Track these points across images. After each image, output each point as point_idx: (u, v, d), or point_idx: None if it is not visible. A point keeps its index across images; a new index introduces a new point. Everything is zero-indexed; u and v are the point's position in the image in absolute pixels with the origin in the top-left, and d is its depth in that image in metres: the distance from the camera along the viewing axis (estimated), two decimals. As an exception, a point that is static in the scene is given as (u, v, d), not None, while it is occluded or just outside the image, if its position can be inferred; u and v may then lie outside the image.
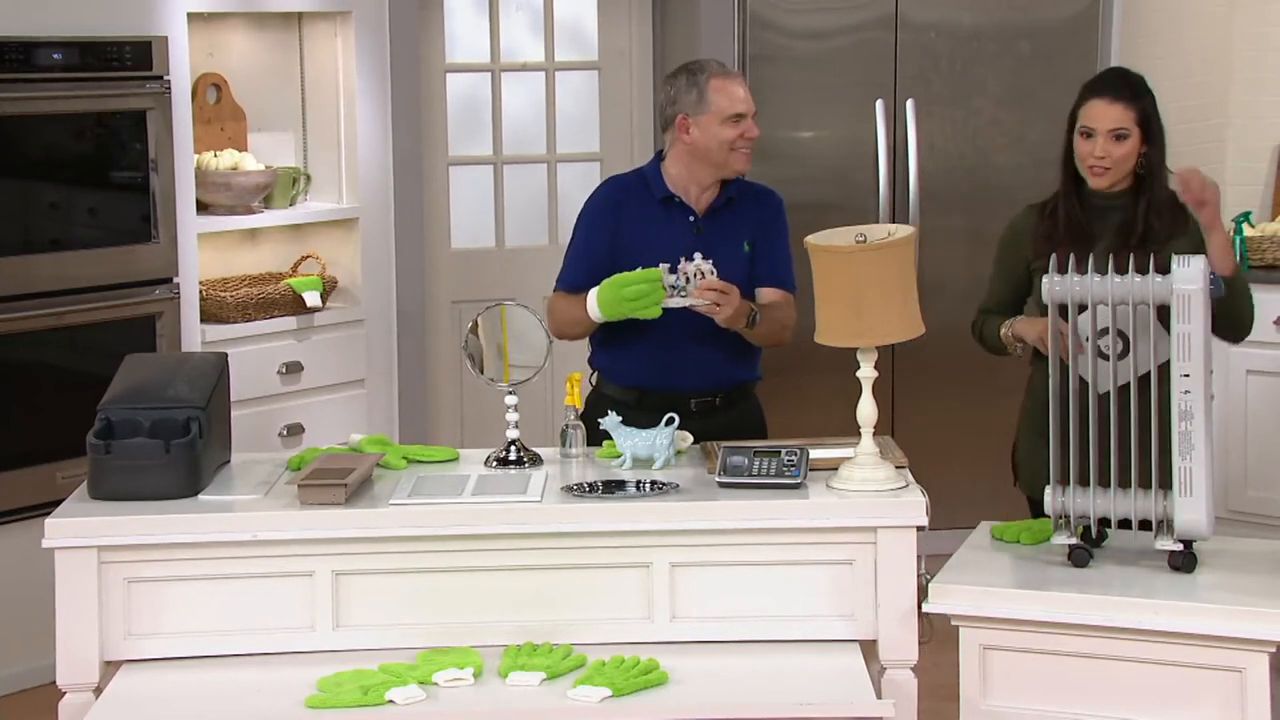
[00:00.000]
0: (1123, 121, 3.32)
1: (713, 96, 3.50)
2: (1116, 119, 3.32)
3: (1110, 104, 3.33)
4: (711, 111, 3.50)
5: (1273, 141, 5.72)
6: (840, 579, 3.02)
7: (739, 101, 3.51)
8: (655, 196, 3.58)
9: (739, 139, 3.51)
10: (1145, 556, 3.02)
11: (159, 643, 3.01)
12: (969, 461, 5.20)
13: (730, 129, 3.50)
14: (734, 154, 3.53)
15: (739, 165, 3.56)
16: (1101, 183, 3.36)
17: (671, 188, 3.58)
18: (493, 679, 2.90)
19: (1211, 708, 2.82)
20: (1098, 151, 3.33)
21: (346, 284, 4.87)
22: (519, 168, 5.39)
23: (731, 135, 3.50)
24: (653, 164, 3.65)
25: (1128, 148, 3.33)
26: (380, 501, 3.08)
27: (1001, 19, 5.21)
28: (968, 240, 5.31)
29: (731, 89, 3.51)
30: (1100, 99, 3.35)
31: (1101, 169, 3.34)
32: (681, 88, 3.54)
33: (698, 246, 3.49)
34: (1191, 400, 2.89)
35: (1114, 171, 3.34)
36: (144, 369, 3.28)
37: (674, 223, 3.57)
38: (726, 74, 3.55)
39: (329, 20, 4.81)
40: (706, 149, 3.53)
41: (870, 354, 3.09)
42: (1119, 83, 3.39)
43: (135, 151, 4.33)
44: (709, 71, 3.53)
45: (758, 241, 3.60)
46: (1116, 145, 3.32)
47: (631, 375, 3.55)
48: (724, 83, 3.52)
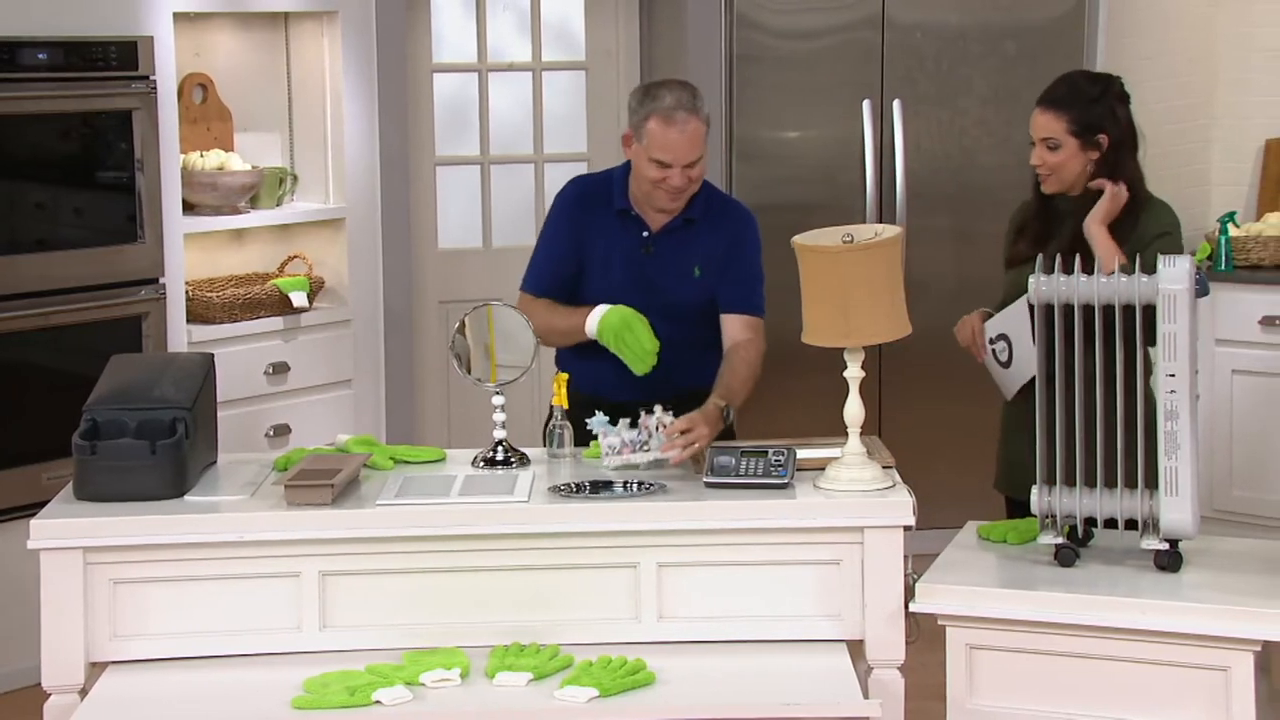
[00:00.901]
0: (1051, 131, 3.39)
1: (648, 131, 3.41)
2: (1044, 128, 3.41)
3: (1041, 113, 3.43)
4: (643, 144, 3.43)
5: (1257, 141, 5.73)
6: (827, 579, 3.03)
7: (666, 150, 3.38)
8: (615, 206, 3.54)
9: (662, 182, 3.42)
10: (1131, 556, 3.03)
11: (145, 644, 3.00)
12: (956, 461, 5.20)
13: (654, 170, 3.41)
14: (656, 191, 3.45)
15: (661, 203, 3.47)
16: (1048, 188, 3.44)
17: (631, 200, 3.53)
18: (480, 679, 2.90)
19: (1197, 706, 2.83)
20: (1034, 160, 3.43)
21: (333, 284, 4.86)
22: (506, 168, 5.38)
23: (654, 176, 3.42)
24: (622, 170, 3.58)
25: (1061, 156, 3.39)
26: (367, 502, 3.07)
27: (987, 19, 5.22)
28: (954, 240, 5.32)
29: (666, 136, 3.37)
30: (1037, 108, 3.45)
31: (1043, 175, 3.43)
32: (634, 106, 3.48)
33: (646, 269, 3.48)
34: (1177, 400, 2.90)
35: (1055, 178, 3.42)
36: (130, 369, 3.27)
37: (627, 238, 3.53)
38: (670, 119, 3.38)
39: (315, 20, 4.80)
40: (637, 175, 3.49)
41: (857, 354, 3.09)
42: (1055, 92, 3.45)
43: (121, 151, 4.32)
44: (657, 106, 3.40)
45: (717, 264, 3.52)
46: (1049, 154, 3.40)
47: (589, 384, 3.48)
48: (662, 126, 3.37)
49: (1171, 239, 3.38)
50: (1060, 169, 3.39)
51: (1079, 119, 3.38)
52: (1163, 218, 3.41)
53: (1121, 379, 2.95)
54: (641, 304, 3.48)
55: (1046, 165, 3.40)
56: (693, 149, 3.41)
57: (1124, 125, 3.41)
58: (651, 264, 3.52)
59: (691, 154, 3.41)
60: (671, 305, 3.51)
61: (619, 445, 3.18)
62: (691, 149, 3.41)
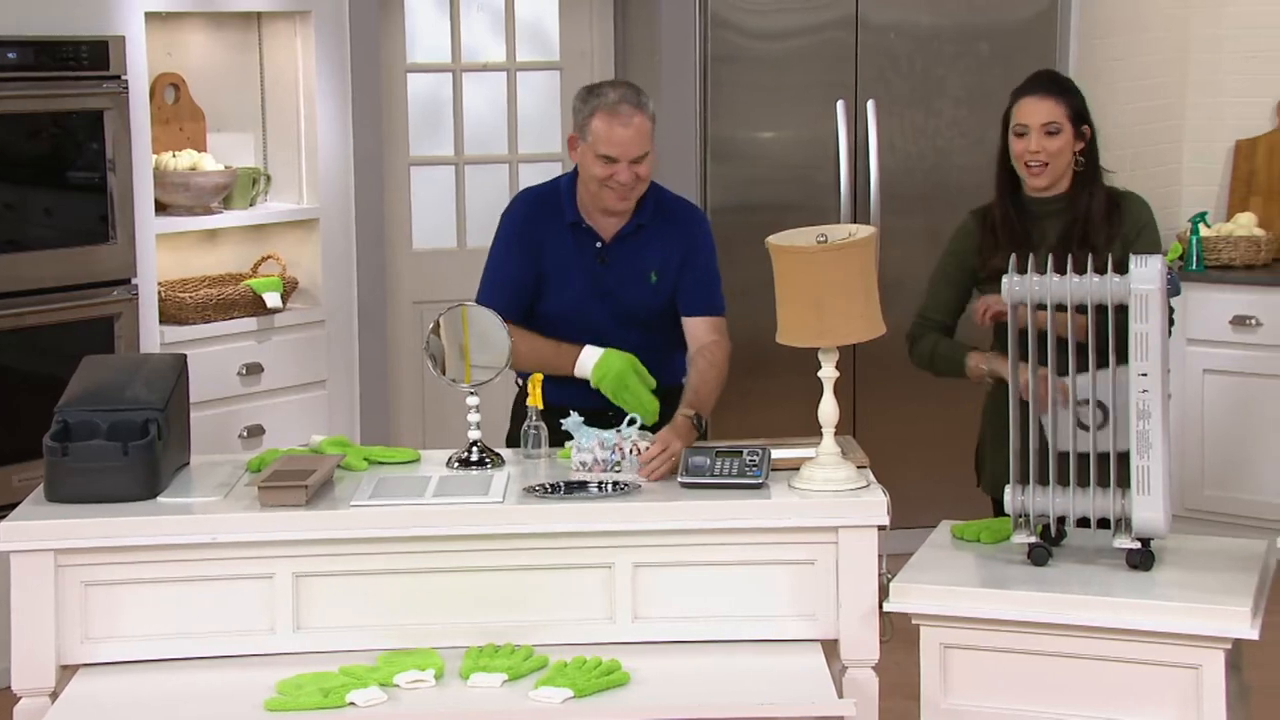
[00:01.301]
0: (1054, 115, 3.36)
1: (592, 127, 3.39)
2: (1048, 113, 3.36)
3: (1040, 99, 3.38)
4: (589, 142, 3.41)
5: (1228, 142, 5.77)
6: (802, 579, 3.03)
7: (612, 144, 3.36)
8: (565, 219, 3.52)
9: (609, 179, 3.40)
10: (1104, 555, 3.04)
11: (116, 646, 2.99)
12: (930, 461, 5.22)
13: (600, 167, 3.38)
14: (604, 190, 3.42)
15: (608, 202, 3.45)
16: (1040, 181, 3.38)
17: (580, 211, 3.51)
18: (454, 680, 2.89)
19: (1169, 704, 2.84)
20: (1032, 147, 3.36)
21: (307, 285, 4.84)
22: (480, 168, 5.37)
23: (601, 173, 3.40)
24: (570, 179, 3.56)
25: (1060, 142, 3.36)
26: (341, 503, 3.07)
27: (961, 20, 5.24)
28: (928, 240, 5.32)
29: (611, 130, 3.35)
30: (1030, 96, 3.40)
31: (1039, 165, 3.36)
32: (579, 105, 3.46)
33: (603, 278, 3.48)
34: (1149, 399, 2.91)
35: (1050, 168, 3.37)
36: (102, 370, 3.26)
37: (581, 251, 3.52)
38: (614, 112, 3.36)
39: (289, 20, 4.79)
40: (584, 176, 3.46)
41: (831, 354, 3.10)
42: (1046, 80, 3.45)
43: (92, 152, 4.30)
44: (600, 102, 3.39)
45: (674, 269, 3.51)
46: (1049, 140, 3.35)
47: (558, 395, 3.42)
48: (607, 121, 3.36)
49: (1151, 229, 3.40)
50: (1058, 157, 3.36)
51: (1074, 105, 3.38)
52: (1142, 212, 3.42)
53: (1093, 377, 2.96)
54: (601, 313, 3.49)
55: (1046, 152, 3.34)
56: (639, 143, 3.39)
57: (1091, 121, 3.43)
58: (608, 274, 3.51)
59: (637, 148, 3.39)
60: (630, 313, 3.52)
61: (591, 463, 3.18)
62: (637, 143, 3.39)
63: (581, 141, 3.44)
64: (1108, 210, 3.38)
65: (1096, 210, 3.38)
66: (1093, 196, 3.39)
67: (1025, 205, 3.44)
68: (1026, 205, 3.43)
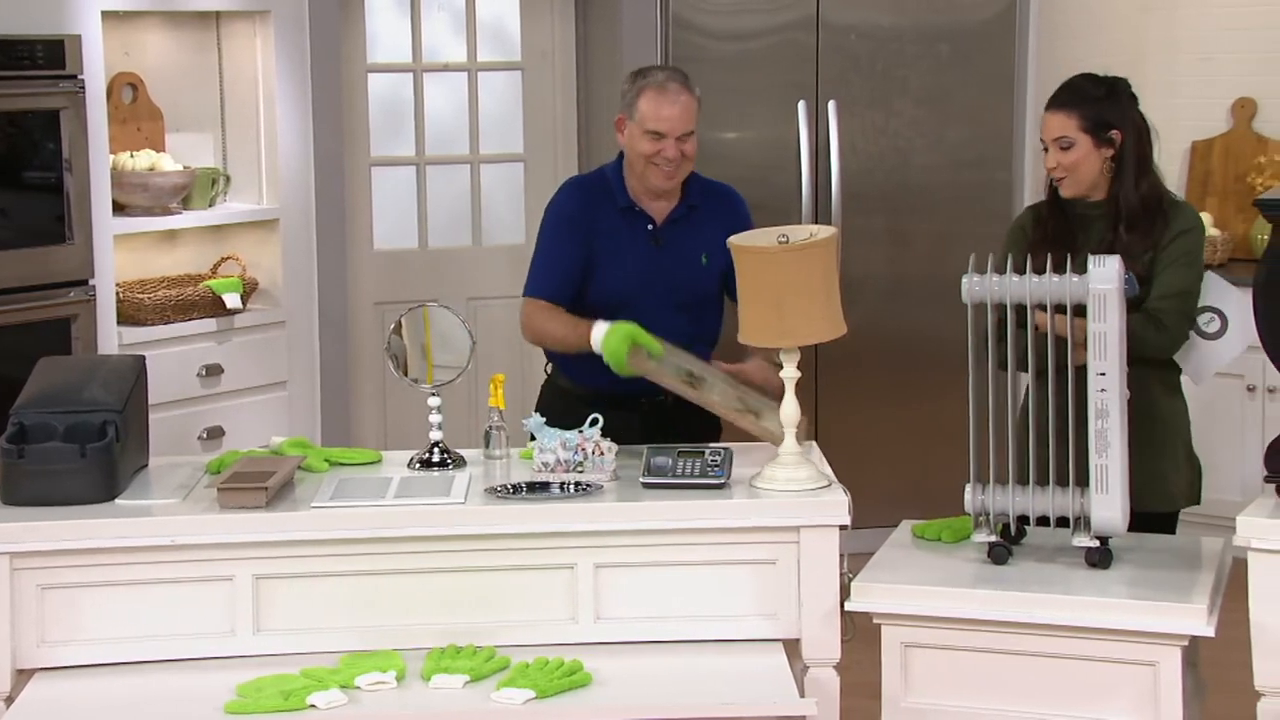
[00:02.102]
0: (1064, 130, 3.36)
1: (640, 105, 3.47)
2: (1058, 128, 3.36)
3: (1052, 114, 3.39)
4: (636, 120, 3.48)
5: (1184, 144, 5.82)
6: (763, 578, 3.04)
7: (660, 120, 3.44)
8: (617, 204, 3.55)
9: (656, 155, 3.46)
10: (1063, 553, 3.06)
11: (74, 650, 2.96)
12: (891, 460, 5.24)
13: (648, 143, 3.46)
14: (650, 168, 3.48)
15: (655, 180, 3.50)
16: (1068, 191, 3.38)
17: (631, 195, 3.55)
18: (416, 682, 2.88)
19: (1127, 700, 2.86)
20: (1049, 163, 3.38)
21: (267, 285, 4.82)
22: (442, 168, 5.36)
23: (648, 150, 3.46)
24: (615, 166, 3.60)
25: (1076, 155, 3.36)
26: (302, 505, 3.05)
27: (921, 21, 5.26)
28: (889, 240, 5.35)
29: (658, 105, 3.44)
30: (1047, 111, 3.41)
31: (1059, 177, 3.38)
32: (625, 88, 3.53)
33: (658, 260, 3.49)
34: (1107, 399, 2.93)
35: (1072, 180, 3.37)
36: (58, 372, 3.23)
37: (634, 234, 3.54)
38: (663, 89, 3.46)
39: (248, 20, 4.76)
40: (631, 157, 3.52)
41: (793, 354, 3.11)
42: (1064, 92, 3.43)
43: (49, 151, 4.26)
44: (648, 81, 3.49)
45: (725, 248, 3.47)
46: (1064, 154, 3.36)
47: (588, 376, 3.49)
48: (655, 96, 3.45)
49: (1191, 236, 3.36)
50: (1076, 169, 3.35)
51: (1089, 115, 3.37)
52: (1184, 220, 3.39)
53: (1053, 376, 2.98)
54: (652, 297, 3.50)
55: (1062, 166, 3.35)
56: (685, 120, 3.47)
57: (1136, 123, 3.40)
58: (662, 256, 3.53)
59: (684, 125, 3.47)
60: (681, 295, 3.54)
61: (553, 463, 3.18)
62: (684, 120, 3.47)
63: (630, 121, 3.49)
64: (1147, 217, 3.35)
65: (1132, 215, 3.34)
66: (1129, 200, 3.35)
67: (1072, 208, 3.42)
68: (1073, 208, 3.42)
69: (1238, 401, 5.24)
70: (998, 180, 5.33)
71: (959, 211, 5.31)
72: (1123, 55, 5.74)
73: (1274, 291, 2.95)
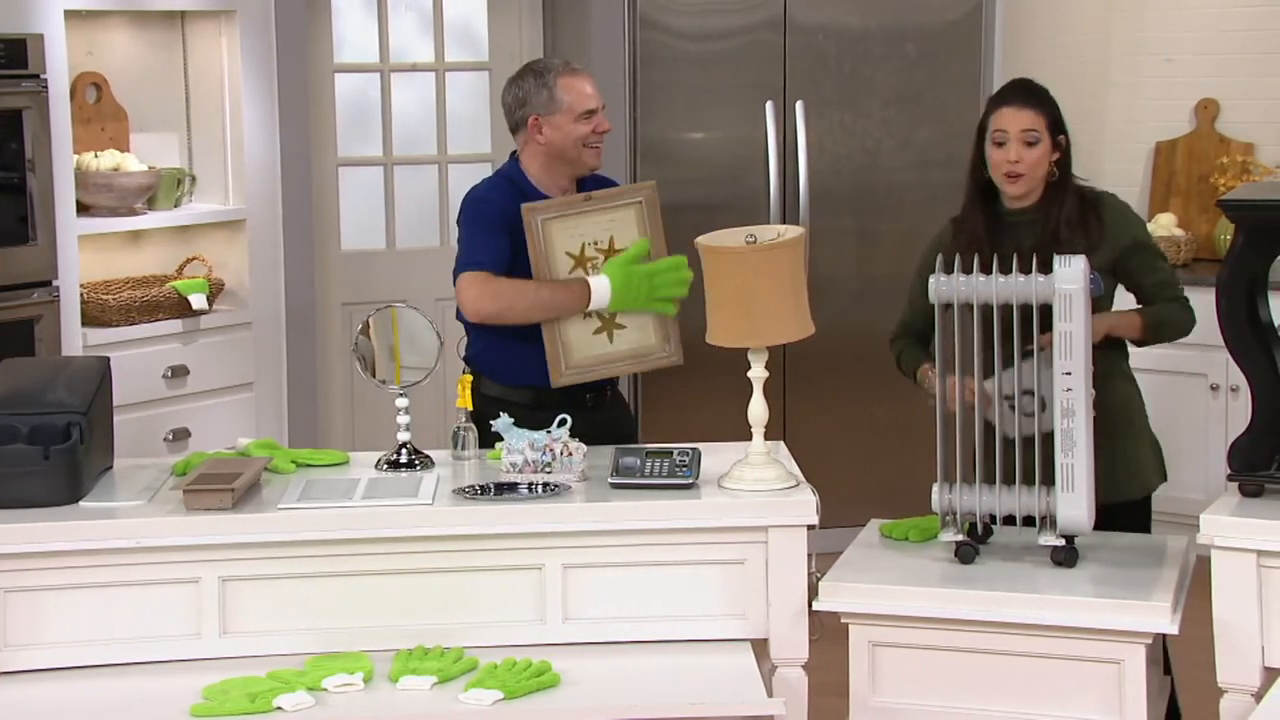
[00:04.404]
0: (1034, 124, 3.37)
1: (562, 95, 3.52)
2: (1028, 122, 3.37)
3: (1019, 110, 3.39)
4: (563, 110, 3.51)
5: (1148, 144, 5.86)
6: (731, 578, 3.04)
7: (589, 98, 3.53)
8: (528, 199, 3.54)
9: (591, 134, 3.53)
10: (1030, 552, 3.07)
11: (38, 653, 2.94)
12: (859, 460, 5.26)
13: (583, 125, 3.52)
14: (586, 150, 3.55)
15: (591, 161, 3.58)
16: (1016, 189, 3.38)
17: (542, 190, 3.57)
18: (383, 684, 2.87)
19: (1092, 698, 2.88)
20: (1011, 156, 3.36)
21: (233, 286, 4.79)
22: (409, 169, 5.35)
23: (585, 131, 3.52)
24: (514, 166, 3.62)
25: (1039, 153, 3.37)
26: (268, 506, 3.04)
27: (888, 22, 5.28)
28: (857, 240, 5.37)
29: (580, 85, 3.53)
30: (1009, 106, 3.40)
31: (1015, 175, 3.37)
32: (530, 89, 3.54)
33: None
34: (1073, 398, 2.94)
35: (1028, 178, 3.37)
36: (22, 373, 3.21)
37: None
38: (573, 71, 3.56)
39: (213, 19, 4.74)
40: (561, 147, 3.54)
41: (761, 354, 3.11)
42: (1025, 90, 3.45)
43: (11, 152, 4.22)
44: (555, 70, 3.56)
45: None
46: (1028, 150, 3.36)
47: (524, 375, 3.52)
48: (572, 80, 3.54)
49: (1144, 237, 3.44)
50: (1036, 167, 3.36)
51: (1052, 114, 3.40)
52: (1132, 223, 3.43)
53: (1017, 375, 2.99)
54: None
55: (1025, 162, 3.35)
56: (599, 93, 3.58)
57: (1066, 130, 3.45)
58: None
59: (602, 98, 3.58)
60: None
61: (521, 464, 3.18)
62: (598, 93, 3.58)
63: (552, 115, 3.52)
64: (1082, 215, 3.38)
65: (1070, 217, 3.37)
66: (1064, 204, 3.38)
67: (999, 215, 3.43)
68: (1000, 215, 3.43)
69: (1201, 400, 5.28)
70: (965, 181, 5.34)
71: (927, 212, 5.30)
72: (1088, 56, 5.78)
73: (1236, 291, 2.98)
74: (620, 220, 3.48)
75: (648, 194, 3.51)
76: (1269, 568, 2.84)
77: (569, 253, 3.46)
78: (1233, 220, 3.08)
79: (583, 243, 3.47)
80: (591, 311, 3.45)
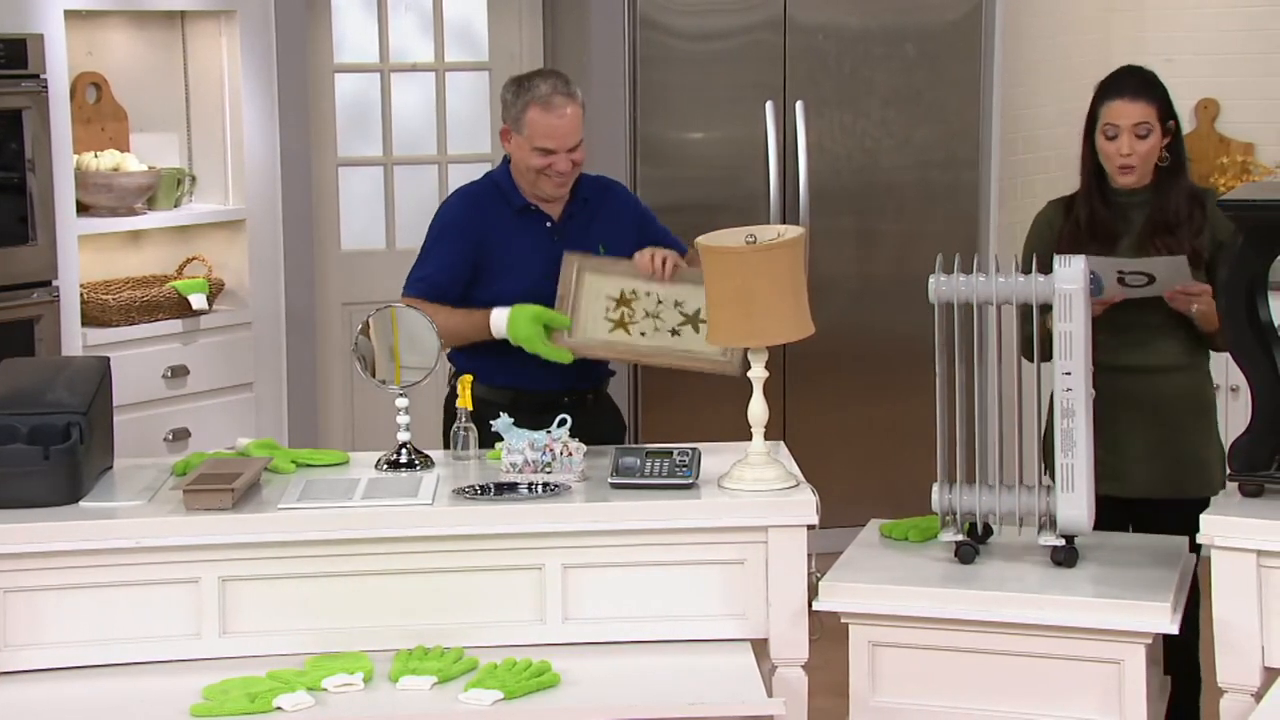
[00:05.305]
0: (1145, 116, 3.38)
1: (527, 122, 3.46)
2: (1139, 115, 3.38)
3: (1131, 102, 3.39)
4: (524, 135, 3.47)
5: (1150, 144, 5.86)
6: (731, 578, 3.04)
7: (550, 138, 3.43)
8: (513, 206, 3.55)
9: (547, 168, 3.47)
10: (1030, 552, 3.07)
11: (38, 654, 2.94)
12: (859, 460, 5.26)
13: (538, 158, 3.46)
14: (542, 178, 3.49)
15: (547, 190, 3.52)
16: (1129, 179, 3.40)
17: (526, 196, 3.56)
18: (383, 684, 2.87)
19: (1093, 698, 2.88)
20: (1124, 149, 3.38)
21: (233, 286, 4.80)
22: (409, 169, 5.35)
23: (539, 164, 3.47)
24: (504, 171, 3.61)
25: (1150, 144, 3.39)
26: (268, 506, 3.04)
27: (888, 22, 5.28)
28: (857, 240, 5.37)
29: (546, 122, 3.43)
30: (1120, 99, 3.41)
31: (1129, 166, 3.39)
32: (509, 98, 3.52)
33: (557, 253, 3.49)
34: (1073, 398, 2.94)
35: (1140, 168, 3.39)
36: (22, 373, 3.21)
37: (532, 231, 3.55)
38: (548, 105, 3.44)
39: (213, 19, 4.74)
40: (519, 167, 3.52)
41: (761, 354, 3.11)
42: (1137, 81, 3.45)
43: (11, 152, 4.22)
44: (533, 95, 3.46)
45: (625, 239, 3.56)
46: (1140, 142, 3.38)
47: (504, 376, 3.51)
48: (541, 114, 3.43)
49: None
50: (1148, 158, 3.38)
51: (1162, 103, 3.41)
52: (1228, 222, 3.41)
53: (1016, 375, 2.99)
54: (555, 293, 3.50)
55: (1137, 154, 3.37)
56: (573, 133, 3.46)
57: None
58: (561, 250, 3.52)
59: (574, 137, 3.46)
60: None
61: (521, 464, 3.18)
62: (572, 133, 3.46)
63: (516, 134, 3.49)
64: (1190, 204, 3.40)
65: (1180, 204, 3.40)
66: (1176, 190, 3.41)
67: (1110, 198, 3.44)
68: (1111, 198, 3.44)
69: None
70: (965, 180, 5.35)
71: (926, 211, 5.34)
72: (1088, 56, 5.78)
73: (1236, 291, 2.98)
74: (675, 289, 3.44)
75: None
76: (1269, 568, 2.84)
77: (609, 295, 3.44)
78: (1232, 220, 3.08)
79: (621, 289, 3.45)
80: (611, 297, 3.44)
